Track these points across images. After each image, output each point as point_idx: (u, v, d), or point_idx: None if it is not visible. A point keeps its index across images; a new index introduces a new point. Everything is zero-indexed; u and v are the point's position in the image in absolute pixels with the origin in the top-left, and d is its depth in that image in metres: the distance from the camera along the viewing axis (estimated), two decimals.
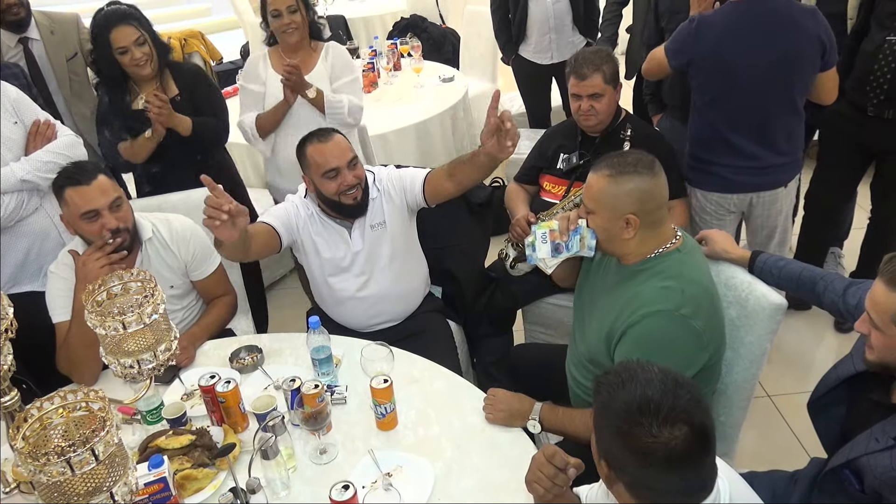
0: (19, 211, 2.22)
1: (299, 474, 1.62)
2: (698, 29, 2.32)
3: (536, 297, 2.58)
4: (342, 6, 6.05)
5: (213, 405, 1.73)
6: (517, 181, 2.69)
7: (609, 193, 1.58)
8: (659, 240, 1.62)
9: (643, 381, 1.04)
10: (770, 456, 2.44)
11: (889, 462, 1.33)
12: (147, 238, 2.10)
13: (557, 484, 1.28)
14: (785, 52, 2.26)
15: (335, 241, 2.19)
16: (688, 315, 1.51)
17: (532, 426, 1.68)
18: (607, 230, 1.62)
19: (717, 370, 1.69)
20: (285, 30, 2.68)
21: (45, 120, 2.31)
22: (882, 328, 1.31)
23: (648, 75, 2.66)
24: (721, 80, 2.33)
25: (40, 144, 2.26)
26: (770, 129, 2.37)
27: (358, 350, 1.85)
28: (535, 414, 1.68)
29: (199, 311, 2.28)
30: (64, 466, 0.97)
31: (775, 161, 2.43)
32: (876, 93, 2.52)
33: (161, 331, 1.32)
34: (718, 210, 2.52)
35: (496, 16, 3.92)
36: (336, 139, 2.10)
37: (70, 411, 1.10)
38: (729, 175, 2.45)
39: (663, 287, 1.55)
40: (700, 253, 1.69)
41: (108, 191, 1.97)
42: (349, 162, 2.08)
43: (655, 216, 1.59)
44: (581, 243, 1.70)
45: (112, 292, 1.33)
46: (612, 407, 1.05)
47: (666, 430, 1.00)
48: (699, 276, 1.58)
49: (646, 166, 1.58)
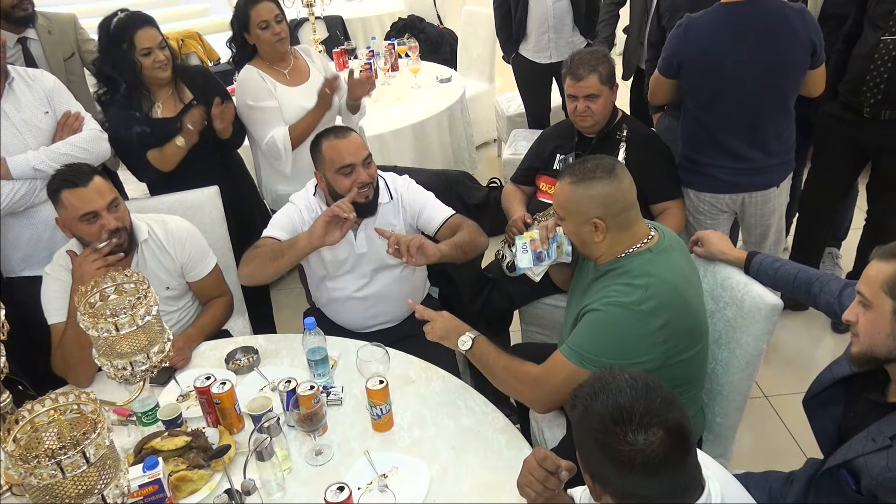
0: (30, 198, 2.23)
1: (295, 476, 1.62)
2: (687, 31, 2.33)
3: (533, 297, 2.58)
4: (340, 6, 6.04)
5: (209, 406, 1.73)
6: (514, 182, 2.69)
7: (573, 200, 1.63)
8: (631, 240, 1.65)
9: (614, 389, 1.05)
10: (767, 456, 2.45)
11: (885, 463, 1.33)
12: (143, 239, 2.10)
13: (549, 487, 1.28)
14: (777, 54, 2.27)
15: (339, 243, 2.17)
16: (646, 310, 1.54)
17: (462, 342, 1.73)
18: (578, 235, 1.66)
19: (697, 363, 1.69)
20: (277, 39, 2.64)
21: (76, 112, 2.32)
22: (871, 300, 1.31)
23: (655, 98, 2.65)
24: (712, 81, 2.33)
25: (66, 136, 2.27)
26: (761, 129, 2.38)
27: (354, 351, 1.84)
28: (472, 334, 1.74)
29: (195, 313, 2.28)
30: (54, 469, 0.96)
31: (767, 162, 2.43)
32: (873, 93, 2.52)
33: (154, 332, 1.32)
34: (712, 210, 2.53)
35: (498, 13, 3.92)
36: (352, 136, 2.10)
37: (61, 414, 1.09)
38: (721, 175, 2.45)
39: (627, 283, 1.58)
40: (677, 251, 1.69)
41: (105, 192, 1.96)
42: (364, 160, 2.08)
43: (622, 218, 1.62)
44: (559, 250, 1.76)
45: (105, 294, 1.32)
46: (588, 419, 1.06)
47: (641, 436, 1.00)
48: (668, 274, 1.60)
49: (605, 171, 1.61)
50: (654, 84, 2.57)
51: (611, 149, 2.40)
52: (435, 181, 2.78)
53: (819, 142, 2.83)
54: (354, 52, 4.57)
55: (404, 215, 2.20)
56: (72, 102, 2.35)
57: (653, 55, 3.01)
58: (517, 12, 3.77)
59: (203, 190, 2.48)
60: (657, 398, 1.03)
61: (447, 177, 2.80)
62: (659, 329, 1.54)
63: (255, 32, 2.63)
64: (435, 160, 3.76)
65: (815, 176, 2.89)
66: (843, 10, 2.68)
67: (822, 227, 2.98)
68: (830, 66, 2.67)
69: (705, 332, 1.71)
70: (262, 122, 2.68)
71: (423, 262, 1.96)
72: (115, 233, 1.96)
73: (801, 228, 3.01)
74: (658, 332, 1.54)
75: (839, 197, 2.91)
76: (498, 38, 3.99)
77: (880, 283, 1.29)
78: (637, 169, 2.40)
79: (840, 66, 2.65)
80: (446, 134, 3.87)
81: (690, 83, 2.40)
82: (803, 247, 3.00)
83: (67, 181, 1.93)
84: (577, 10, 3.71)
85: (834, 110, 2.69)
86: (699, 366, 1.72)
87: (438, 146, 3.80)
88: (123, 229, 2.00)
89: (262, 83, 2.67)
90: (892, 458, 1.32)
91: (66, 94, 2.35)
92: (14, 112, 2.22)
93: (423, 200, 2.22)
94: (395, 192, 2.21)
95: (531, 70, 3.92)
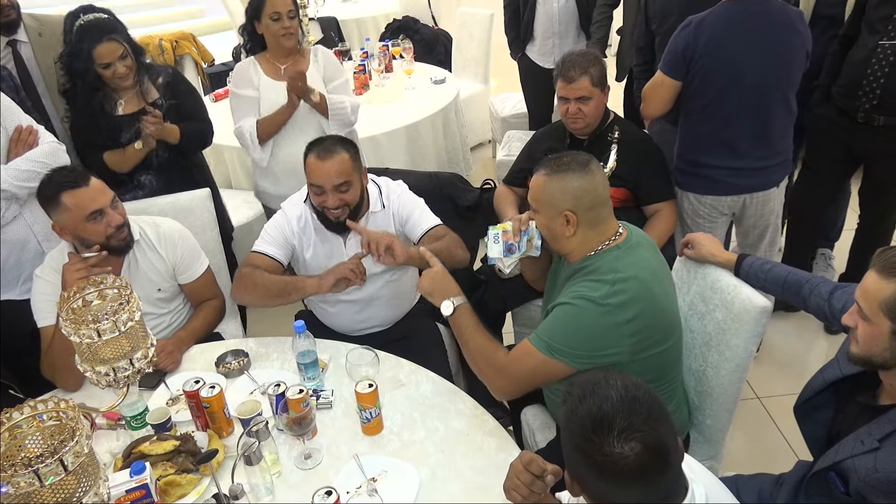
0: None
1: (283, 479, 1.61)
2: (697, 29, 2.30)
3: (525, 299, 2.57)
4: (334, 7, 6.04)
5: (198, 410, 1.73)
6: (506, 183, 2.69)
7: (547, 192, 1.65)
8: (600, 237, 1.66)
9: (601, 396, 1.05)
10: (759, 458, 2.45)
11: (873, 464, 1.33)
12: (135, 241, 2.09)
13: (535, 491, 1.28)
14: (783, 50, 2.27)
15: (329, 251, 2.16)
16: (614, 304, 1.55)
17: (445, 306, 1.74)
18: (550, 228, 1.68)
19: (669, 358, 1.71)
20: (284, 34, 2.65)
21: (28, 126, 2.26)
22: (869, 316, 1.31)
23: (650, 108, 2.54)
24: (722, 78, 2.31)
25: (21, 151, 2.22)
26: (768, 127, 2.38)
27: (344, 354, 1.84)
28: (457, 300, 1.74)
29: (186, 315, 2.27)
30: (32, 478, 0.95)
31: (770, 161, 2.43)
32: (868, 98, 2.50)
33: (137, 338, 1.31)
34: (712, 213, 2.52)
35: (507, 11, 3.91)
36: (333, 160, 2.00)
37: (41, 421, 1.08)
38: (723, 177, 2.44)
39: (595, 279, 1.60)
40: (645, 248, 1.70)
41: (105, 189, 1.97)
42: (338, 186, 2.01)
43: (594, 214, 1.64)
44: (529, 244, 1.78)
45: (87, 300, 1.31)
46: (573, 421, 1.06)
47: (618, 447, 1.00)
48: (636, 270, 1.61)
49: (580, 164, 1.63)
50: (652, 90, 2.49)
51: (602, 150, 2.40)
52: (426, 183, 2.77)
53: (811, 144, 2.83)
54: (349, 54, 4.57)
55: (394, 222, 2.19)
56: (22, 117, 2.29)
57: (641, 59, 3.01)
58: (525, 14, 3.77)
59: (195, 192, 2.47)
60: (643, 411, 1.03)
61: (439, 179, 2.79)
62: (626, 322, 1.56)
63: (266, 22, 2.64)
64: (429, 162, 3.76)
65: (806, 177, 2.89)
66: (834, 10, 2.67)
67: (812, 228, 2.98)
68: (825, 69, 2.67)
69: (677, 327, 1.73)
70: (236, 108, 2.77)
71: (392, 262, 1.96)
72: (120, 228, 1.97)
73: (792, 230, 3.01)
74: (625, 325, 1.56)
75: (828, 199, 2.92)
76: (506, 35, 3.98)
77: (878, 303, 1.28)
78: (629, 171, 2.42)
79: (834, 68, 2.63)
80: (440, 136, 3.86)
81: (699, 81, 2.35)
82: (793, 247, 3.01)
83: (67, 183, 1.91)
84: (584, 16, 3.70)
85: (827, 113, 2.68)
86: (673, 361, 1.74)
87: (432, 148, 3.79)
88: (126, 225, 2.01)
89: (248, 72, 2.74)
90: (879, 460, 1.33)
91: (16, 109, 2.29)
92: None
93: (412, 208, 2.20)
94: (388, 199, 2.19)
95: (535, 72, 3.91)
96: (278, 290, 2.05)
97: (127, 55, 2.42)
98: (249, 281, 2.07)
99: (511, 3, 3.87)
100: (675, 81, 2.38)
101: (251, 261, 2.12)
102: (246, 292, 2.10)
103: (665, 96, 2.45)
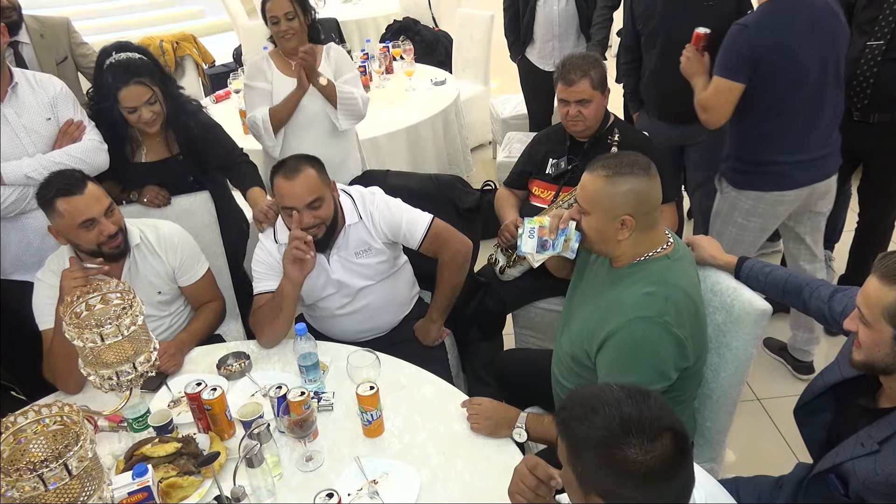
0: (20, 204, 2.21)
1: (285, 482, 1.62)
2: (759, 28, 2.24)
3: (526, 301, 2.58)
4: (335, 9, 6.05)
5: (200, 412, 1.73)
6: (507, 186, 2.69)
7: (605, 194, 1.56)
8: (651, 243, 1.62)
9: (613, 402, 1.00)
10: (759, 460, 2.45)
11: (873, 467, 1.34)
12: (135, 244, 2.10)
13: (540, 495, 1.28)
14: (834, 41, 2.28)
15: (316, 271, 2.10)
16: (671, 322, 1.51)
17: (518, 434, 1.67)
18: (602, 231, 1.59)
19: (700, 376, 1.70)
20: (283, 36, 2.74)
21: (78, 121, 2.29)
22: (871, 322, 1.30)
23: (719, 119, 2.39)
24: (788, 74, 2.28)
25: (64, 144, 2.25)
26: (828, 117, 2.37)
27: (345, 356, 1.84)
28: (521, 422, 1.67)
29: (187, 318, 2.28)
30: (36, 482, 0.96)
31: (828, 150, 2.42)
32: (860, 97, 2.56)
33: (140, 342, 1.32)
34: (774, 209, 2.46)
35: (507, 14, 3.92)
36: (300, 178, 1.97)
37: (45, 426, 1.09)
38: (788, 171, 2.40)
39: (646, 293, 1.54)
40: (689, 262, 1.68)
41: (101, 198, 1.97)
42: (310, 203, 1.98)
43: (650, 218, 1.59)
44: (565, 245, 1.70)
45: (91, 304, 1.32)
46: (592, 437, 0.99)
47: (656, 443, 0.96)
48: (684, 284, 1.58)
49: (642, 168, 1.57)
50: (718, 98, 2.34)
51: (602, 153, 2.40)
52: (428, 185, 2.78)
53: None
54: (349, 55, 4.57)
55: (378, 234, 2.15)
56: (76, 110, 2.30)
57: (629, 57, 3.03)
58: (525, 17, 3.77)
59: (195, 195, 2.48)
60: (655, 402, 1.00)
61: (440, 181, 2.80)
62: (685, 340, 1.52)
63: (269, 25, 2.76)
64: (429, 163, 3.76)
65: None
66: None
67: None
68: None
69: (706, 347, 1.69)
70: (250, 100, 2.87)
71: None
72: (113, 237, 1.97)
73: None
74: (685, 343, 1.52)
75: None
76: (506, 38, 3.99)
77: (880, 310, 1.28)
78: None
79: None
80: (441, 137, 3.87)
81: (764, 78, 2.29)
82: None
83: (62, 190, 1.91)
84: (583, 20, 3.70)
85: None
86: (699, 380, 1.71)
87: (433, 149, 3.79)
88: (120, 232, 2.01)
89: (261, 66, 2.84)
90: (879, 463, 1.33)
91: (72, 102, 2.30)
92: (14, 117, 2.19)
93: (398, 214, 2.16)
94: (364, 210, 2.15)
95: (535, 75, 3.91)
96: (272, 311, 2.04)
97: (156, 101, 2.30)
98: (256, 323, 2.09)
99: (511, 5, 3.87)
100: (740, 85, 2.31)
101: (257, 304, 2.11)
102: (260, 334, 2.08)
103: (733, 102, 2.36)
